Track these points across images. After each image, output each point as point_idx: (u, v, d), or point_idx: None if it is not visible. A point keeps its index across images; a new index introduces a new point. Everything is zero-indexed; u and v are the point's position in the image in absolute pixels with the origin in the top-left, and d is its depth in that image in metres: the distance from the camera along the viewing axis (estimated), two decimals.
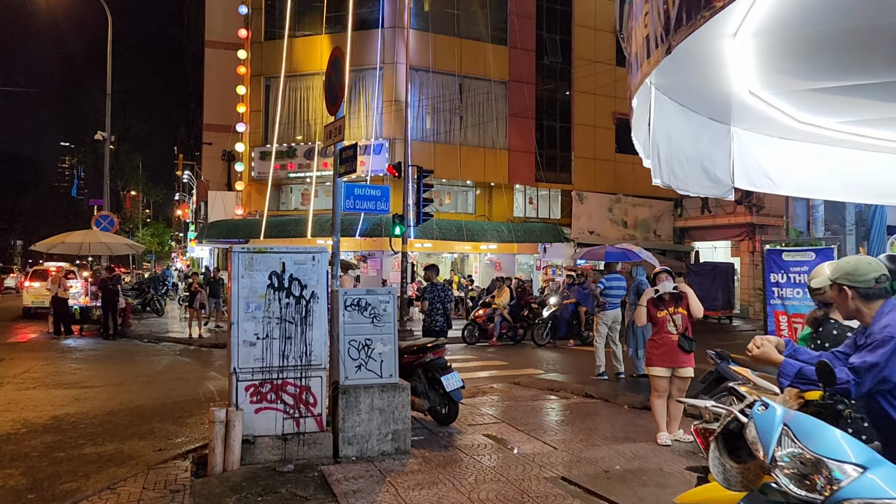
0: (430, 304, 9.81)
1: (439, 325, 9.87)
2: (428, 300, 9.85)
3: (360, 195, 8.07)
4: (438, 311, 9.87)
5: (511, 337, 17.18)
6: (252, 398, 6.03)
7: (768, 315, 7.08)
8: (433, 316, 9.87)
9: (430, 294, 9.88)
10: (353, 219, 23.30)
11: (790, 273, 6.83)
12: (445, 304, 10.00)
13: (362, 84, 24.39)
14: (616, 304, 10.74)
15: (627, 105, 4.94)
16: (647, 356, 6.79)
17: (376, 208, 8.17)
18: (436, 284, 10.14)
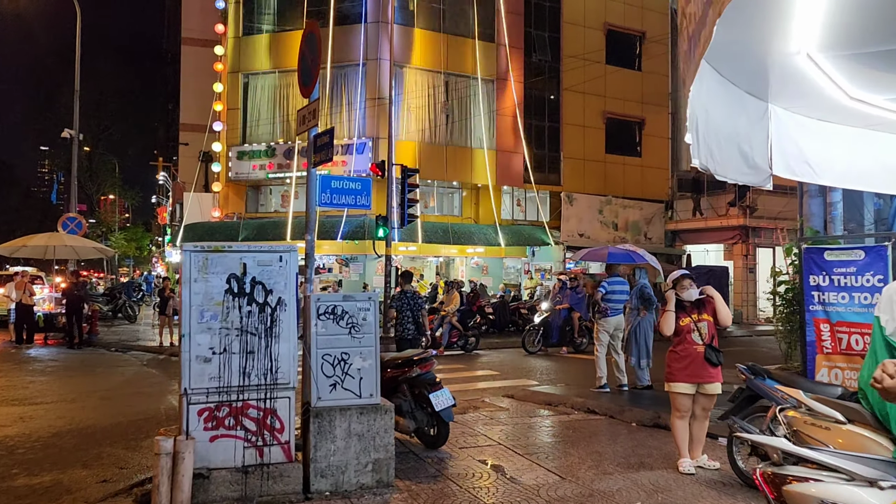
0: (399, 312, 9.64)
1: (411, 334, 9.63)
2: (396, 308, 9.69)
3: (337, 188, 7.15)
4: (409, 320, 9.67)
5: (462, 346, 16.08)
6: (207, 424, 5.09)
7: (807, 324, 6.24)
8: (404, 324, 9.67)
9: (398, 302, 9.72)
10: (335, 220, 22.35)
11: (833, 275, 5.99)
12: (416, 312, 9.73)
13: (344, 81, 23.46)
14: (618, 310, 9.90)
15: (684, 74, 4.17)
16: (668, 370, 5.92)
17: (356, 203, 7.25)
18: (406, 292, 9.87)
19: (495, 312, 20.70)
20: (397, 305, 9.75)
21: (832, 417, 4.16)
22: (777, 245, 25.61)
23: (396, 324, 9.82)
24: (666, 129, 29.00)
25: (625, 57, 28.36)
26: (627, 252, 10.17)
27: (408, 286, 10.11)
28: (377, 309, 5.72)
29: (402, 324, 9.71)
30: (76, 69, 21.47)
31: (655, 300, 10.19)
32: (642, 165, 28.36)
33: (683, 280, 5.83)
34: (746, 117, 4.78)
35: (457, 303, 15.94)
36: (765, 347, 17.83)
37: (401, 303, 9.73)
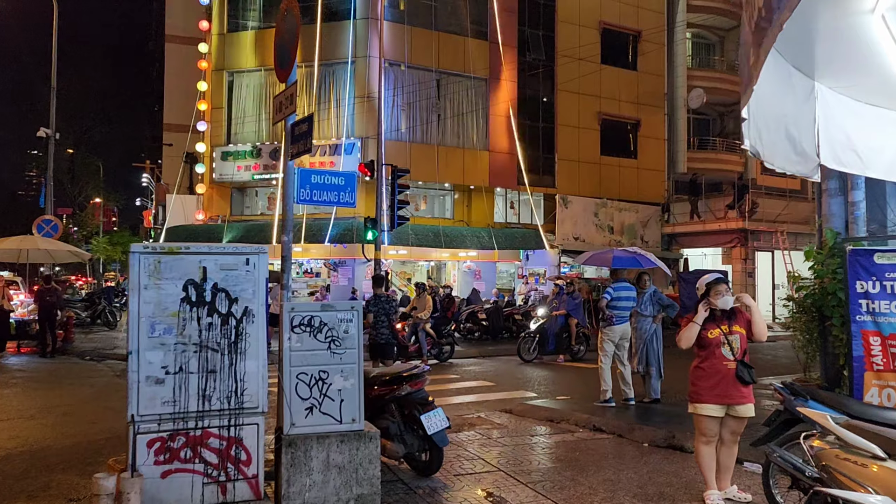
0: (374, 316, 9.70)
1: (384, 338, 9.80)
2: (373, 313, 9.69)
3: (318, 183, 6.40)
4: (384, 324, 9.79)
5: (436, 355, 15.18)
6: (158, 457, 4.33)
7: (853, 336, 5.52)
8: (378, 329, 9.76)
9: (374, 307, 9.77)
10: (323, 223, 21.59)
11: (886, 280, 5.28)
12: (390, 317, 9.96)
13: (332, 79, 22.71)
14: (625, 318, 9.18)
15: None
16: (693, 389, 5.20)
17: (339, 200, 6.51)
18: (379, 297, 9.97)
19: (489, 318, 19.97)
20: (374, 310, 9.75)
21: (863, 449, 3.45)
22: (777, 249, 25.05)
23: (371, 328, 9.76)
24: (662, 130, 28.41)
25: (620, 56, 27.78)
26: (633, 255, 9.47)
27: (380, 290, 10.12)
28: (361, 320, 4.97)
29: (377, 328, 9.75)
30: (52, 65, 20.62)
31: (676, 305, 9.50)
32: (638, 167, 27.75)
33: (719, 285, 5.10)
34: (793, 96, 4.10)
35: (430, 308, 15.13)
36: (769, 355, 17.20)
37: (376, 307, 9.78)
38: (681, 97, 28.41)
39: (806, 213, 27.40)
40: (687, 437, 7.04)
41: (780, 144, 3.97)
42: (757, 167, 29.36)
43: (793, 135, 4.07)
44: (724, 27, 30.51)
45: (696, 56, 30.55)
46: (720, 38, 31.09)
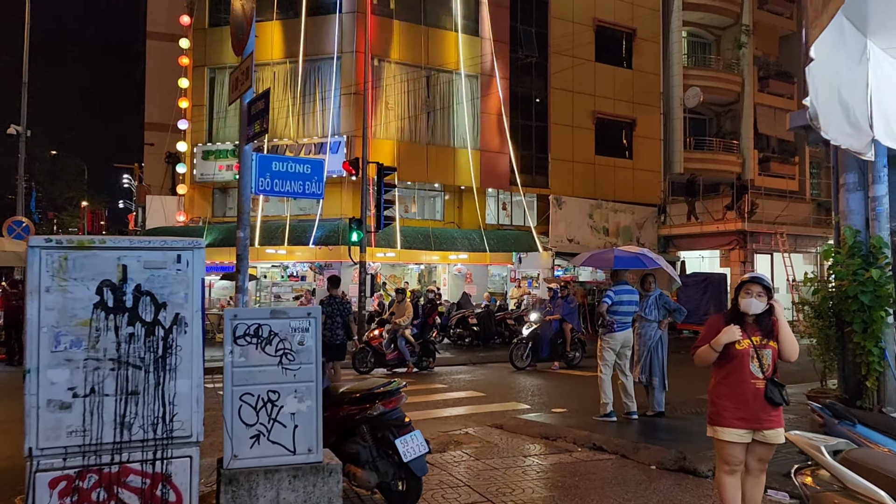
0: (329, 317, 9.93)
1: (339, 339, 10.17)
2: (326, 314, 9.88)
3: (280, 172, 5.59)
4: (338, 325, 10.12)
5: (415, 363, 14.32)
6: (64, 500, 3.50)
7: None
8: (333, 330, 10.02)
9: (327, 308, 10.03)
10: (307, 224, 20.76)
11: None
12: (345, 318, 10.28)
13: (318, 75, 21.89)
14: (627, 324, 8.39)
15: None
16: (714, 410, 4.40)
17: (305, 191, 5.71)
18: (334, 298, 10.29)
19: (480, 323, 19.20)
20: (327, 311, 9.94)
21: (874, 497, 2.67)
22: (776, 251, 24.37)
23: (325, 329, 9.75)
24: (658, 130, 27.71)
25: (614, 54, 27.08)
26: (636, 255, 8.68)
27: (335, 291, 10.38)
28: (319, 329, 4.15)
29: (332, 329, 9.99)
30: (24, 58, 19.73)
31: (684, 310, 8.72)
32: (633, 168, 27.03)
33: (753, 285, 4.30)
34: (846, 55, 3.34)
35: (410, 314, 14.31)
36: None
37: (330, 308, 10.07)
38: (677, 96, 27.73)
39: (805, 215, 26.80)
40: (700, 459, 6.26)
41: (834, 112, 3.25)
42: (755, 168, 28.74)
43: (845, 100, 3.34)
44: (719, 26, 29.88)
45: (692, 55, 29.89)
46: (716, 37, 30.45)
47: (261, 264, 22.70)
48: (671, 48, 27.94)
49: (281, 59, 22.00)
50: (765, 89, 29.76)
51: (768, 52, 30.39)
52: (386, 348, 14.35)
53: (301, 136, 21.71)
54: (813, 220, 26.49)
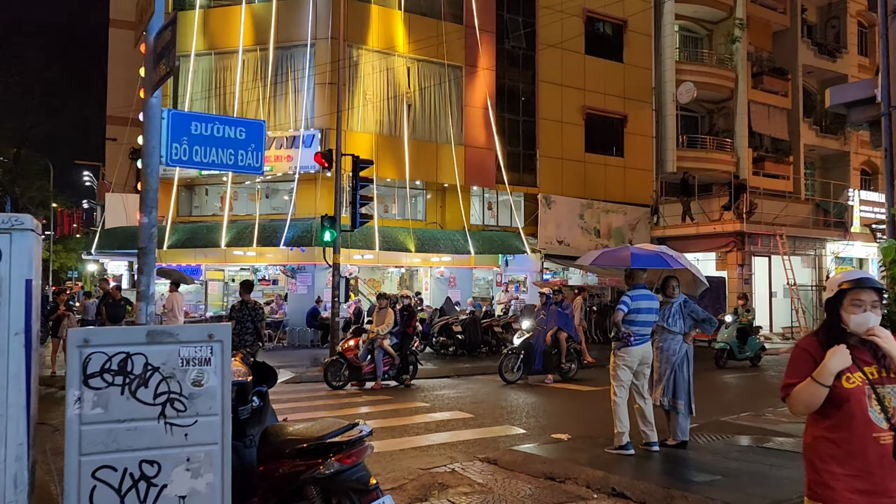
0: (239, 323, 9.93)
1: (248, 343, 10.06)
2: (236, 319, 9.98)
3: (202, 136, 4.10)
4: (248, 331, 10.09)
5: (395, 376, 12.94)
6: None
7: None
8: (242, 335, 9.95)
9: (237, 313, 10.06)
10: (278, 224, 19.20)
11: None
12: (256, 324, 10.23)
13: (290, 63, 20.35)
14: (646, 337, 6.98)
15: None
16: (816, 479, 2.91)
17: (237, 163, 4.25)
18: (246, 303, 10.23)
19: (464, 331, 17.72)
20: (237, 316, 10.01)
21: None
22: (774, 253, 23.18)
23: (234, 334, 9.65)
24: (650, 126, 26.48)
25: (605, 47, 25.84)
26: (656, 253, 7.27)
27: (248, 296, 10.31)
28: (227, 358, 2.67)
29: (241, 334, 9.95)
30: None
31: (714, 320, 7.33)
32: (625, 166, 25.76)
33: (863, 292, 2.86)
34: None
35: (390, 322, 12.83)
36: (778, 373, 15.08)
37: (241, 313, 10.08)
38: (669, 92, 26.53)
39: (804, 215, 25.67)
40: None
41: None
42: (749, 167, 27.59)
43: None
44: (712, 20, 28.75)
45: (684, 50, 28.72)
46: (708, 31, 29.31)
47: (229, 267, 21.12)
48: (663, 42, 26.74)
49: (250, 47, 20.43)
50: (758, 86, 28.66)
51: (761, 48, 29.30)
52: (362, 360, 12.86)
53: (273, 129, 20.13)
54: (812, 221, 25.37)
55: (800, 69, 29.87)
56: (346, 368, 12.74)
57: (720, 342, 15.65)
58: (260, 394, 4.50)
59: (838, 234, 25.20)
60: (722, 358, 15.54)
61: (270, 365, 4.68)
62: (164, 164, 4.02)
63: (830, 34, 32.19)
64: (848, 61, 31.33)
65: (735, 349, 15.62)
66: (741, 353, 15.71)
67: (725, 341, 15.55)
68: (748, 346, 15.85)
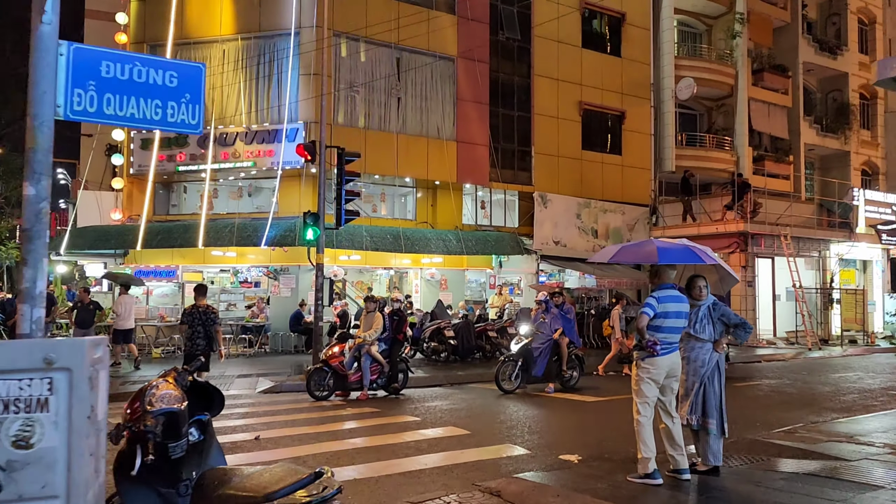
0: (190, 327, 9.98)
1: (201, 349, 10.01)
2: (188, 323, 10.02)
3: (114, 79, 3.04)
4: (200, 335, 10.05)
5: (384, 385, 11.98)
6: None
7: None
8: (194, 340, 10.02)
9: (189, 318, 10.05)
10: (259, 223, 18.10)
11: None
12: (208, 328, 10.11)
13: (273, 53, 19.27)
14: (674, 345, 5.96)
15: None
16: None
17: (165, 119, 3.22)
18: (197, 307, 10.13)
19: (457, 336, 16.71)
20: (188, 321, 10.01)
21: None
22: (778, 254, 22.30)
23: (187, 339, 10.02)
24: (648, 124, 25.57)
25: (603, 41, 24.92)
26: (686, 247, 6.28)
27: (202, 301, 10.18)
28: (86, 396, 1.63)
29: (193, 339, 10.01)
30: None
31: (749, 325, 6.33)
32: (622, 164, 24.82)
33: None
34: None
35: (379, 327, 11.80)
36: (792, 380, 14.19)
37: (192, 318, 10.03)
38: (668, 88, 25.62)
39: (807, 215, 24.83)
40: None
41: None
42: (749, 166, 26.72)
43: None
44: (712, 14, 27.91)
45: (683, 45, 27.84)
46: (708, 26, 28.45)
47: (207, 268, 20.00)
48: (662, 36, 25.85)
49: (231, 35, 19.36)
50: (759, 83, 27.82)
51: (762, 44, 28.47)
52: (348, 368, 11.84)
53: (254, 122, 19.08)
54: (816, 221, 24.53)
55: (800, 66, 29.06)
56: (330, 377, 11.71)
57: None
58: (200, 424, 3.46)
59: (843, 234, 24.36)
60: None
61: (215, 386, 3.63)
62: (63, 117, 2.98)
63: (831, 31, 31.45)
64: (849, 59, 30.59)
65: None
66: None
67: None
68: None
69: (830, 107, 31.08)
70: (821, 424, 8.80)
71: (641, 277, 22.58)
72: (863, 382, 13.77)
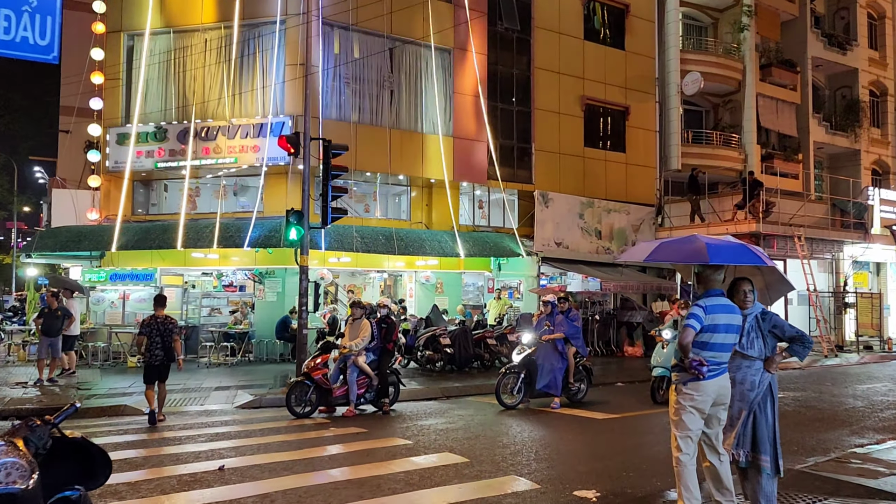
0: (148, 337, 9.86)
1: (158, 360, 9.87)
2: (145, 334, 9.88)
3: None
4: (158, 345, 9.88)
5: (372, 400, 10.90)
6: None
7: None
8: (152, 350, 9.87)
9: (147, 328, 9.90)
10: (243, 223, 16.96)
11: None
12: (166, 338, 9.90)
13: (258, 43, 18.16)
14: (723, 367, 4.85)
15: None
16: None
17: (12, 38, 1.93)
18: (156, 318, 9.97)
19: (454, 344, 15.58)
20: (146, 331, 9.88)
21: None
22: (791, 256, 21.21)
23: (145, 350, 9.92)
24: (653, 120, 24.49)
25: (606, 33, 23.84)
26: (741, 244, 5.18)
27: (160, 311, 10.01)
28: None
29: (151, 350, 9.86)
30: None
31: (809, 338, 5.22)
32: (626, 163, 23.74)
33: None
34: None
35: (366, 335, 10.69)
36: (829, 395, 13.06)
37: (149, 328, 9.88)
38: (674, 83, 24.56)
39: (820, 215, 23.78)
40: None
41: None
42: (758, 165, 25.66)
43: None
44: (718, 7, 26.88)
45: (688, 39, 26.79)
46: (714, 19, 27.43)
47: (189, 271, 18.83)
48: (667, 28, 24.79)
49: (213, 24, 18.22)
50: (766, 78, 26.77)
51: (769, 38, 27.43)
52: (333, 381, 10.73)
53: (238, 116, 17.95)
54: (829, 221, 23.47)
55: (809, 61, 28.03)
56: (313, 392, 10.58)
57: (657, 366, 11.12)
58: (67, 502, 2.31)
59: (858, 235, 23.31)
60: (660, 389, 11.14)
61: (97, 446, 2.48)
62: None
63: (840, 26, 30.43)
64: (858, 54, 29.56)
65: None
66: None
67: (662, 364, 11.02)
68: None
69: (839, 104, 30.05)
70: (872, 451, 7.68)
71: (649, 281, 21.49)
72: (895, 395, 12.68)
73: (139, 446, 8.33)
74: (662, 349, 11.19)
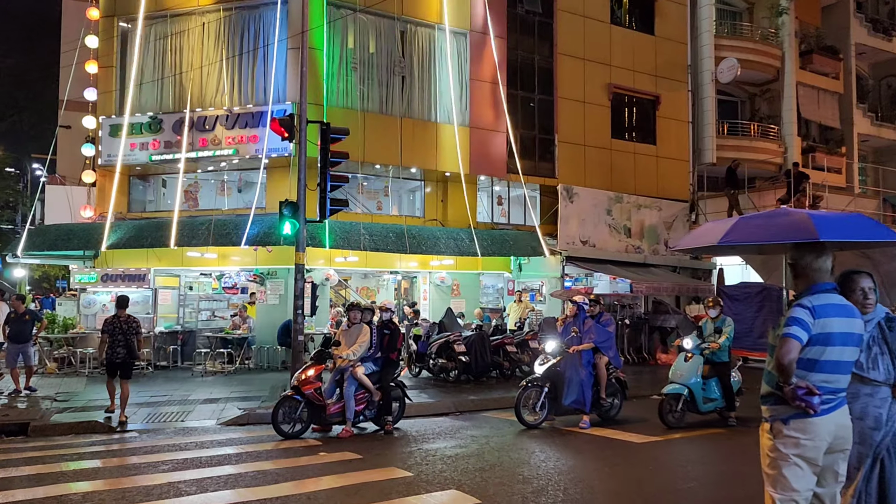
0: (111, 336, 10.01)
1: (120, 358, 10.03)
2: (108, 332, 10.04)
3: None
4: (120, 343, 10.03)
5: (373, 418, 9.51)
6: None
7: None
8: (114, 349, 10.02)
9: (109, 326, 10.07)
10: (241, 220, 15.64)
11: None
12: (128, 336, 10.07)
13: (258, 26, 16.86)
14: (840, 396, 3.33)
15: None
16: None
17: None
18: (118, 317, 10.13)
19: (469, 351, 14.05)
20: (108, 330, 10.05)
21: None
22: None
23: (107, 348, 10.04)
24: (685, 110, 22.82)
25: (634, 17, 22.26)
26: (852, 214, 3.63)
27: (123, 312, 10.15)
28: None
29: (112, 347, 10.02)
30: None
31: None
32: (657, 156, 22.09)
33: None
34: None
35: (364, 342, 9.27)
36: None
37: (112, 326, 10.04)
38: (707, 70, 22.86)
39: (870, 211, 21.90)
40: None
41: None
42: (799, 158, 23.85)
43: None
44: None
45: (722, 25, 25.07)
46: (749, 4, 25.68)
47: (186, 271, 17.56)
48: (700, 12, 23.12)
49: (212, 5, 16.97)
50: (807, 66, 24.98)
51: (809, 23, 25.63)
52: (328, 396, 9.33)
53: (236, 104, 16.67)
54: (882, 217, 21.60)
55: (852, 49, 26.18)
56: (303, 408, 9.16)
57: (674, 384, 9.49)
58: None
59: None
60: (673, 410, 9.44)
61: None
62: None
63: (884, 11, 28.51)
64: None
65: (697, 395, 9.41)
66: (706, 401, 9.54)
67: (682, 381, 9.43)
68: (710, 388, 9.59)
69: (885, 94, 28.11)
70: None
71: (684, 282, 19.80)
72: None
73: (87, 476, 6.94)
74: (685, 361, 9.55)
